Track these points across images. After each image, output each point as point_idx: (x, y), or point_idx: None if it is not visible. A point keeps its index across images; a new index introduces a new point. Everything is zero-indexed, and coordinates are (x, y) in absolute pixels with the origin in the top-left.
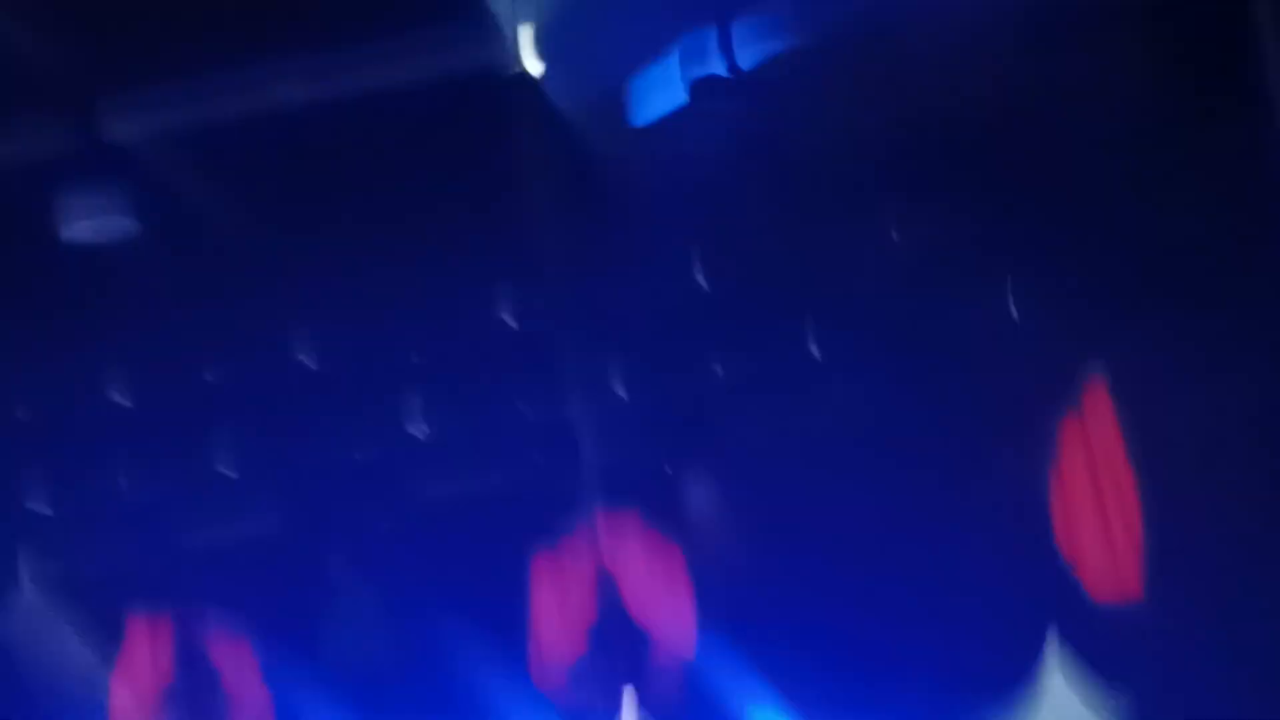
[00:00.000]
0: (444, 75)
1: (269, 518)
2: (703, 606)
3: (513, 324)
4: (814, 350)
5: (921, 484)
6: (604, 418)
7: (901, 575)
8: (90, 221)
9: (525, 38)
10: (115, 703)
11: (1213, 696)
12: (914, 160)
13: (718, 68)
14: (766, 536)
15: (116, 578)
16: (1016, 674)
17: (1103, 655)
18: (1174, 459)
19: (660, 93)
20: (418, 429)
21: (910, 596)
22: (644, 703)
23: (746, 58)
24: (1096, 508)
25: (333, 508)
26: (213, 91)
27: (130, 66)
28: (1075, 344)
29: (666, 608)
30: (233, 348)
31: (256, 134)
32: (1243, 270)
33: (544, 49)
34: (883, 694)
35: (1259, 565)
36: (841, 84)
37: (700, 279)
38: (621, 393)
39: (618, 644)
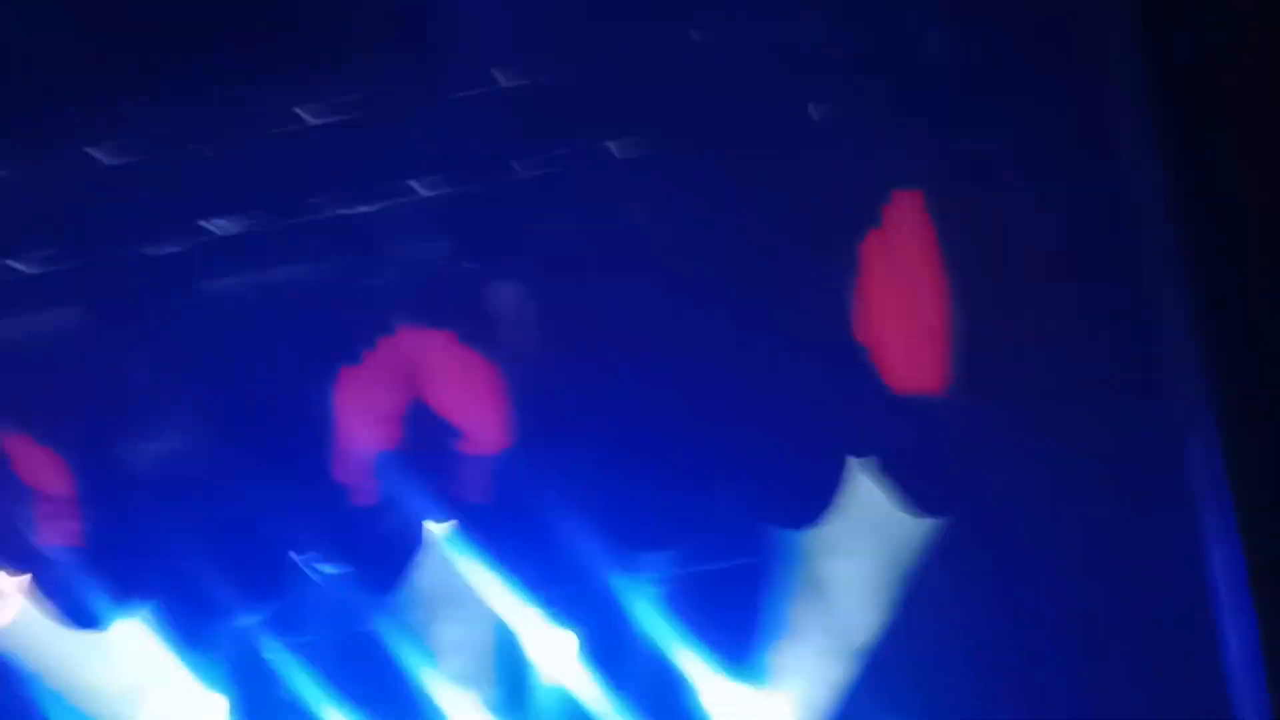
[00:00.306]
0: None
1: (69, 316)
2: (511, 411)
3: (315, 124)
4: (620, 155)
5: (731, 288)
6: (408, 222)
7: (710, 379)
8: None
9: None
10: None
11: (1014, 488)
12: None
13: None
14: (572, 341)
15: None
16: (825, 473)
17: (908, 450)
18: (980, 258)
19: None
20: (221, 229)
21: (718, 401)
22: (452, 503)
23: None
24: (904, 308)
25: (132, 305)
26: None
27: None
28: (886, 150)
29: (475, 413)
30: (30, 147)
31: None
32: (1052, 81)
33: None
34: (692, 497)
35: (1061, 360)
36: None
37: (503, 82)
38: (425, 195)
39: (424, 448)
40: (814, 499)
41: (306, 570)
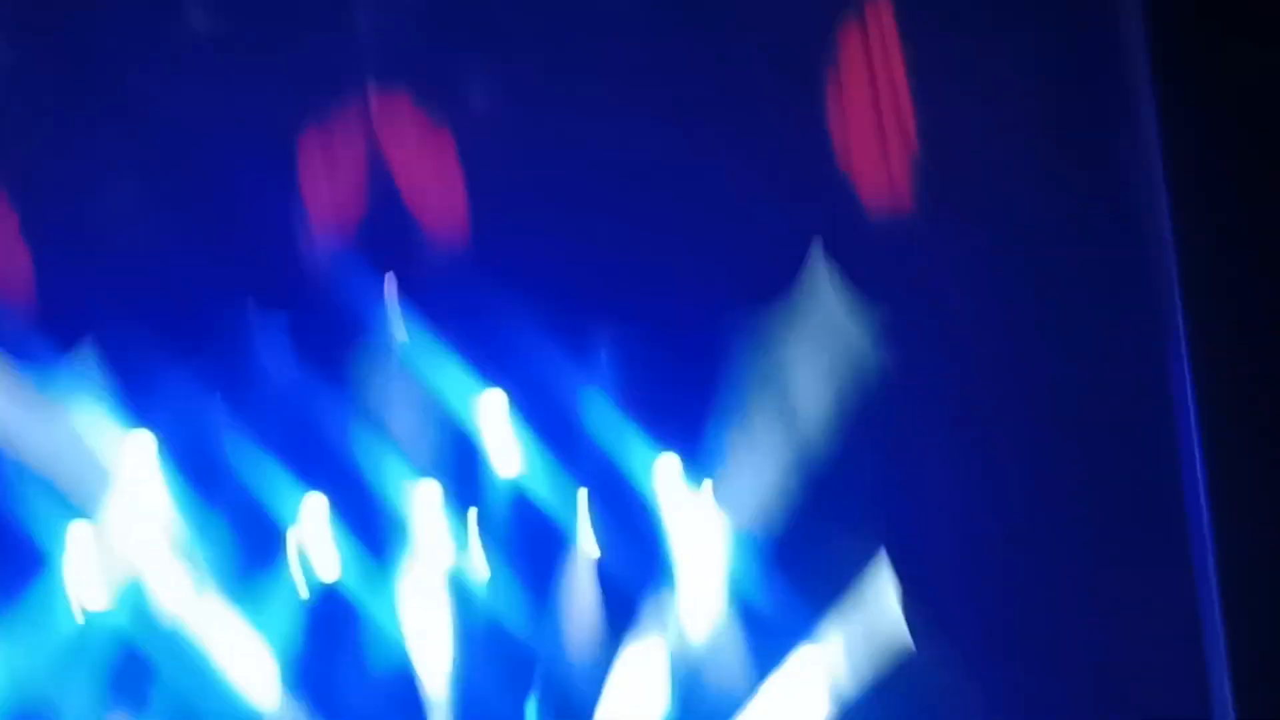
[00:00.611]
0: None
1: (18, 60)
2: (472, 195)
3: None
4: None
5: (703, 93)
6: None
7: (677, 188)
8: None
9: None
10: None
11: (972, 304)
12: None
13: None
14: (539, 132)
15: None
16: (785, 279)
17: (871, 264)
18: (951, 78)
19: None
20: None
21: (683, 210)
22: (411, 285)
23: None
24: (874, 122)
25: (89, 55)
26: None
27: None
28: None
29: (436, 192)
30: None
31: None
32: None
33: None
34: (651, 290)
35: (1026, 178)
36: None
37: None
38: None
39: (386, 223)
40: (775, 299)
41: None
